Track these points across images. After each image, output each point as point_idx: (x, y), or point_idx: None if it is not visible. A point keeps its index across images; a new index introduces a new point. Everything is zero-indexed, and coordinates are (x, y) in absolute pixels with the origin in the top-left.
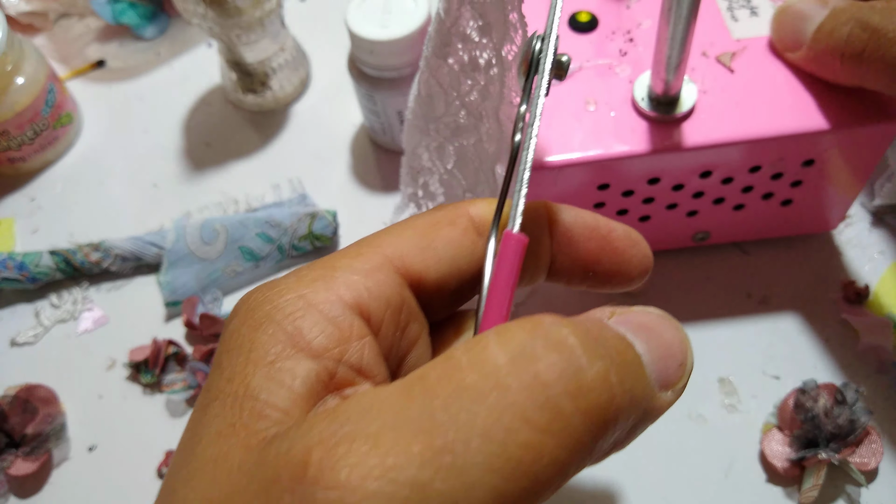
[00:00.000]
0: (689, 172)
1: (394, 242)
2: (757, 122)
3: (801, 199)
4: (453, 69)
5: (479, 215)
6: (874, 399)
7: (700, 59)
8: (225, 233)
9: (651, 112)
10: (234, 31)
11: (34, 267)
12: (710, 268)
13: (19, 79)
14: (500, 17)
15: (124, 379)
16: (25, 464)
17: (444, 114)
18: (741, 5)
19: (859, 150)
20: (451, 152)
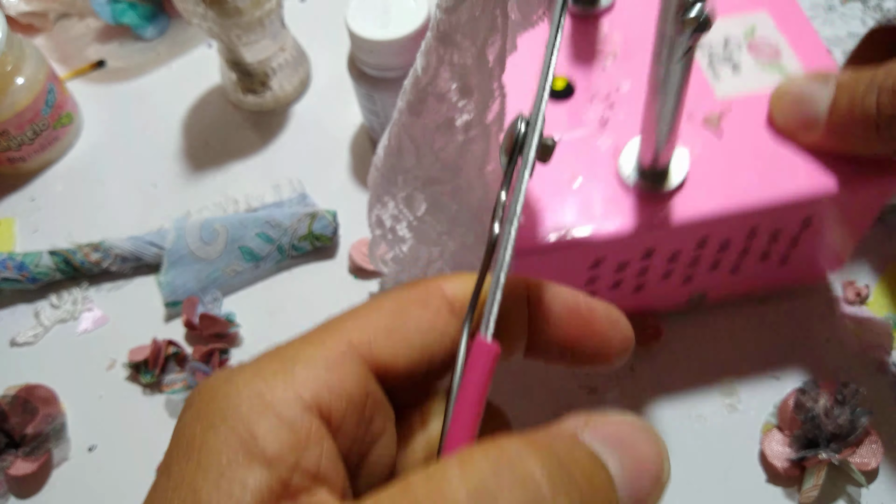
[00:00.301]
0: (685, 243)
1: (361, 327)
2: (752, 189)
3: (798, 256)
4: (427, 126)
5: (454, 293)
6: (874, 399)
7: (685, 125)
8: (225, 233)
9: (640, 187)
10: (233, 32)
11: (34, 267)
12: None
13: (19, 79)
14: (483, 82)
15: (124, 379)
16: (25, 464)
17: (415, 166)
18: (722, 60)
19: (859, 207)
20: (421, 200)
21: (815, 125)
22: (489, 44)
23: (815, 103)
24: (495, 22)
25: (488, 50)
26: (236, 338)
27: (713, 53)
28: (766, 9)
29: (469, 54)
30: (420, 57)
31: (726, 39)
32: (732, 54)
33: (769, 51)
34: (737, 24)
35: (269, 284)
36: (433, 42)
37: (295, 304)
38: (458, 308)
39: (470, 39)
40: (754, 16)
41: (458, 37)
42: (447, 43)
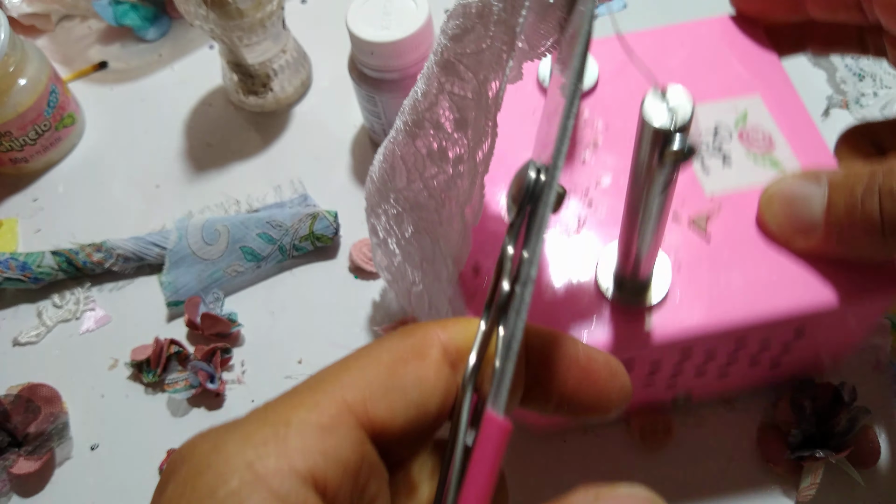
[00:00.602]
0: (666, 358)
1: (356, 383)
2: (742, 303)
3: (789, 361)
4: (420, 152)
5: (451, 343)
6: (872, 398)
7: (671, 225)
8: (226, 233)
9: (619, 301)
10: (235, 33)
11: (37, 267)
12: None
13: (22, 80)
14: (479, 118)
15: (126, 378)
16: (28, 463)
17: (405, 188)
18: (712, 153)
19: (859, 316)
20: (408, 222)
21: (810, 230)
22: (490, 80)
23: (808, 206)
24: (500, 57)
25: (489, 86)
26: (238, 337)
27: (703, 143)
28: (759, 92)
29: (469, 87)
30: (421, 80)
31: (716, 128)
32: (723, 145)
33: (762, 141)
34: (727, 110)
35: (270, 284)
36: (435, 68)
37: (296, 303)
38: (455, 359)
39: (472, 72)
40: (746, 100)
41: (461, 67)
42: (449, 72)
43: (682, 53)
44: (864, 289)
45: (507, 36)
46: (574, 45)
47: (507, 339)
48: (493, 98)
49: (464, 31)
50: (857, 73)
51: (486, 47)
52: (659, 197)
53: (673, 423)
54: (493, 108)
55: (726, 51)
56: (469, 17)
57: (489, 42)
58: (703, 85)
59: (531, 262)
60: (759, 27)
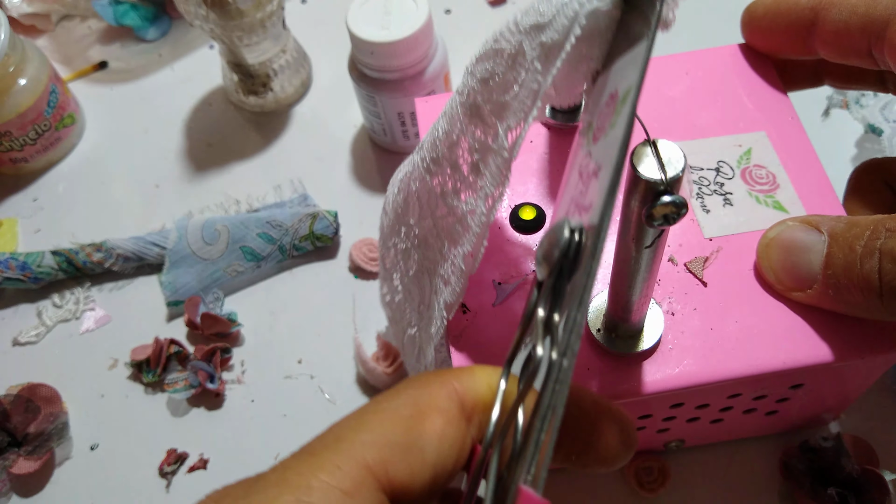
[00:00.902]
0: (658, 407)
1: (376, 442)
2: (736, 356)
3: (788, 410)
4: (434, 190)
5: (466, 394)
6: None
7: (667, 267)
8: (226, 233)
9: (608, 347)
10: (235, 33)
11: (36, 267)
12: None
13: (22, 80)
14: (496, 164)
15: (126, 378)
16: (28, 462)
17: (416, 224)
18: (713, 191)
19: (859, 373)
20: (414, 259)
21: (807, 282)
22: (513, 127)
23: (807, 257)
24: (526, 105)
25: (510, 133)
26: (238, 337)
27: (703, 181)
28: (765, 129)
29: (491, 133)
30: (443, 119)
31: (718, 166)
32: (724, 184)
33: (766, 181)
34: (731, 147)
35: (270, 284)
36: (459, 109)
37: (296, 303)
38: (470, 411)
39: (497, 118)
40: (751, 137)
41: (486, 112)
42: (473, 115)
43: (685, 84)
44: (866, 346)
45: (536, 85)
46: (615, 110)
47: (545, 413)
48: (512, 145)
49: (493, 75)
50: None
51: (514, 94)
52: (647, 252)
53: (668, 466)
54: (509, 155)
55: (732, 83)
56: (500, 62)
57: (517, 89)
58: (705, 118)
59: (574, 331)
60: (767, 60)
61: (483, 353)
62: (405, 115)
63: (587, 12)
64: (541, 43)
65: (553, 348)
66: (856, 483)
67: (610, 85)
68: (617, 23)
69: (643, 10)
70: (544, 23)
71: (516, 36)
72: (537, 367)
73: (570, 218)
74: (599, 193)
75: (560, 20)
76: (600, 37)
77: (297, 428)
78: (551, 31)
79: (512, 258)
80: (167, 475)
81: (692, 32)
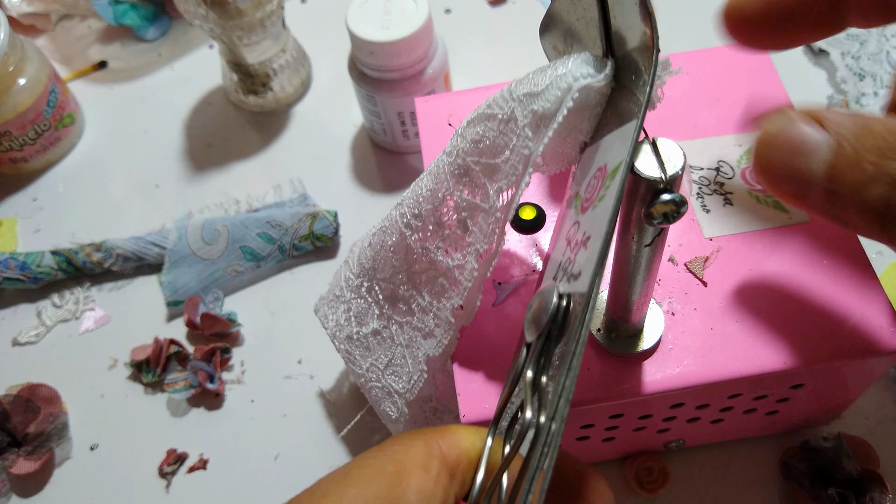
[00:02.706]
0: (657, 408)
1: (361, 496)
2: (736, 356)
3: (788, 410)
4: (412, 246)
5: (450, 452)
6: (873, 400)
7: (667, 267)
8: (226, 233)
9: (608, 347)
10: (235, 33)
11: (36, 267)
12: None
13: (21, 80)
14: (485, 223)
15: (126, 378)
16: (27, 463)
17: (384, 279)
18: (713, 191)
19: (856, 374)
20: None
21: (805, 191)
22: (504, 189)
23: (808, 163)
24: (517, 170)
25: (501, 194)
26: (238, 337)
27: (703, 181)
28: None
29: (480, 193)
30: (428, 177)
31: (718, 166)
32: (724, 184)
33: None
34: (731, 146)
35: (270, 284)
36: (447, 168)
37: (296, 303)
38: (454, 469)
39: (487, 179)
40: (752, 136)
41: (476, 173)
42: (462, 175)
43: (685, 84)
44: (865, 347)
45: (528, 151)
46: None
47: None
48: (505, 206)
49: (483, 138)
50: (857, 73)
51: (505, 159)
52: (646, 249)
53: (669, 466)
54: (502, 216)
55: (732, 83)
56: (492, 126)
57: (508, 154)
58: (705, 118)
59: (564, 397)
60: (768, 60)
61: (483, 353)
62: (405, 115)
63: (580, 86)
64: (533, 111)
65: (542, 412)
66: (856, 483)
67: (598, 158)
68: (606, 99)
69: (631, 90)
70: (538, 92)
71: (509, 103)
72: (526, 429)
73: (559, 284)
74: (588, 263)
75: (553, 91)
76: (590, 111)
77: (297, 428)
78: (544, 100)
79: (512, 258)
80: (167, 475)
81: (692, 32)
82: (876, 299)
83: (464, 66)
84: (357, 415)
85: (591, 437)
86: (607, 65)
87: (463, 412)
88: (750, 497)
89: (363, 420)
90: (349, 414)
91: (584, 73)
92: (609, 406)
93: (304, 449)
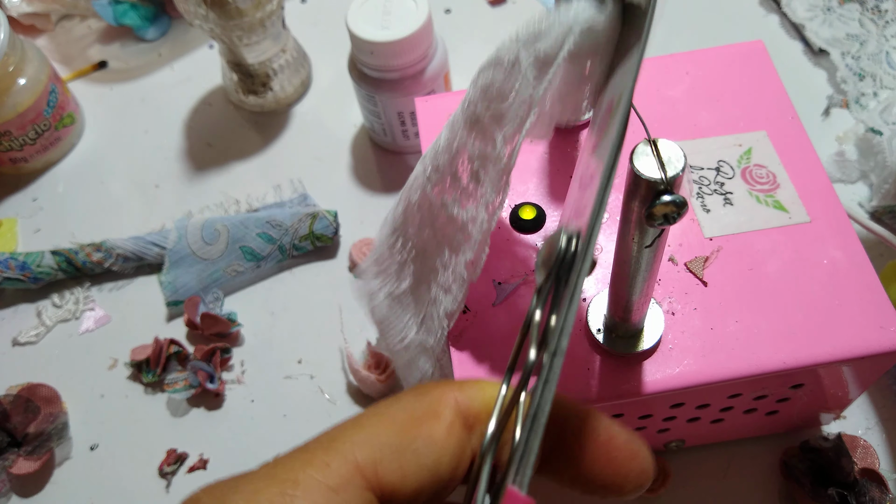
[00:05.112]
0: (658, 407)
1: (368, 443)
2: (736, 356)
3: (788, 410)
4: (434, 200)
5: (467, 404)
6: (873, 400)
7: (667, 267)
8: (226, 233)
9: (609, 347)
10: (235, 33)
11: (36, 267)
12: None
13: (21, 80)
14: (495, 173)
15: (126, 378)
16: (27, 463)
17: (415, 234)
18: (713, 191)
19: (856, 374)
20: (409, 272)
21: None
22: (511, 135)
23: None
24: (521, 114)
25: (508, 144)
26: (238, 337)
27: (703, 181)
28: (765, 129)
29: (490, 142)
30: (446, 129)
31: (718, 165)
32: (724, 184)
33: (766, 181)
34: (731, 146)
35: (270, 284)
36: (461, 119)
37: (296, 303)
38: (471, 421)
39: (496, 126)
40: (751, 136)
41: (486, 121)
42: (474, 125)
43: (685, 83)
44: (866, 346)
45: (529, 93)
46: (610, 116)
47: (534, 413)
48: (509, 154)
49: (492, 84)
50: (857, 73)
51: (510, 103)
52: (647, 251)
53: (669, 467)
54: (507, 163)
55: (732, 83)
56: (499, 70)
57: (513, 98)
58: (705, 118)
59: (563, 332)
60: (768, 59)
61: (483, 353)
62: (405, 115)
63: (581, 27)
64: (535, 52)
65: (543, 350)
66: (856, 483)
67: (608, 96)
68: (615, 42)
69: (639, 26)
70: (540, 32)
71: (515, 45)
72: (529, 369)
73: (567, 225)
74: (592, 195)
75: (555, 31)
76: (601, 56)
77: (297, 428)
78: (546, 41)
79: (512, 258)
80: (167, 475)
81: (692, 32)
82: (876, 299)
83: (464, 66)
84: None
85: None
86: (609, 4)
87: None
88: (750, 497)
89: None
90: (349, 414)
91: (586, 14)
92: (609, 406)
93: None
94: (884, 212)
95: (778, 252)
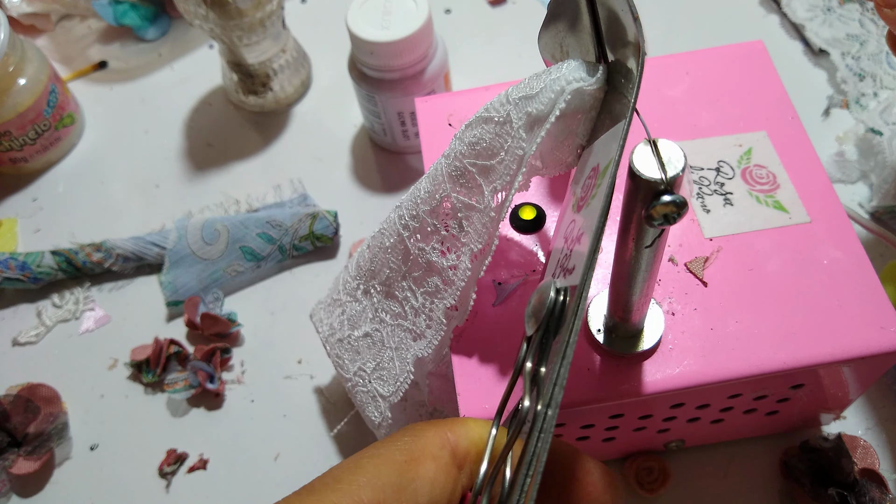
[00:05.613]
0: (658, 407)
1: (371, 484)
2: (736, 356)
3: (788, 410)
4: (409, 248)
5: (458, 444)
6: (873, 400)
7: (667, 267)
8: (226, 233)
9: (609, 347)
10: (235, 33)
11: (36, 267)
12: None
13: (21, 80)
14: (480, 223)
15: (126, 378)
16: (27, 463)
17: (380, 282)
18: (713, 191)
19: (856, 374)
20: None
21: None
22: (498, 190)
23: None
24: (511, 170)
25: (496, 195)
26: (238, 337)
27: (703, 181)
28: (765, 129)
29: (476, 194)
30: (426, 180)
31: (718, 166)
32: (724, 184)
33: (766, 181)
34: (731, 147)
35: (270, 284)
36: (445, 171)
37: (296, 303)
38: (463, 460)
39: (483, 180)
40: (751, 137)
41: (472, 175)
42: (459, 178)
43: (685, 83)
44: (865, 346)
45: (521, 151)
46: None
47: (532, 458)
48: (498, 207)
49: (480, 140)
50: (857, 73)
51: (500, 159)
52: (647, 251)
53: (669, 466)
54: (496, 215)
55: (732, 83)
56: (489, 129)
57: (503, 155)
58: (705, 118)
59: (556, 384)
60: (768, 59)
61: (483, 353)
62: (405, 115)
63: (573, 90)
64: (527, 113)
65: (539, 400)
66: (856, 483)
67: (592, 159)
68: (601, 104)
69: (622, 92)
70: (532, 94)
71: (505, 106)
72: (523, 417)
73: (556, 279)
74: (581, 257)
75: (547, 94)
76: (585, 115)
77: (297, 428)
78: (538, 102)
79: (512, 258)
80: (167, 475)
81: (692, 32)
82: (876, 299)
83: (464, 66)
84: (350, 414)
85: (592, 437)
86: (599, 69)
87: (463, 412)
88: (750, 497)
89: (362, 419)
90: (349, 414)
91: (576, 77)
92: (609, 406)
93: (304, 449)
94: (884, 212)
95: (778, 252)
